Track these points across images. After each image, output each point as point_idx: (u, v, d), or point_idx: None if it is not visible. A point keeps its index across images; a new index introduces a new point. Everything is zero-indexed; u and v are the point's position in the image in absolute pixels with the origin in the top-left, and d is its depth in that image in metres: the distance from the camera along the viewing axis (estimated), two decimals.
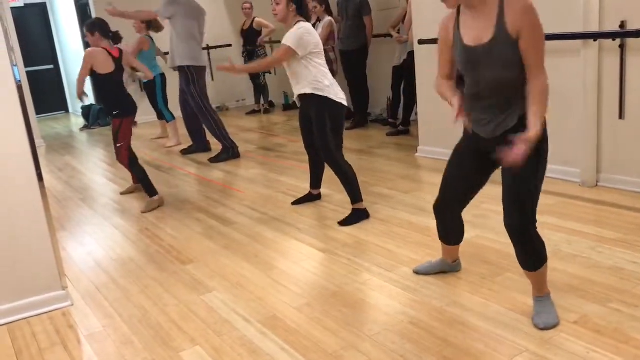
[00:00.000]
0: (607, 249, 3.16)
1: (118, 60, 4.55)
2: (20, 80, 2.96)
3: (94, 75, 4.54)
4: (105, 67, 4.49)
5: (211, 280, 3.28)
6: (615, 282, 2.79)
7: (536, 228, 2.42)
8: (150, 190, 4.75)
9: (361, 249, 3.51)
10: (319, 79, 3.84)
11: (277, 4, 3.83)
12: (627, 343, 2.30)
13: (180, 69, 6.13)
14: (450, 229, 2.90)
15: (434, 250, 3.34)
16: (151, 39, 7.15)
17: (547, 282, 2.56)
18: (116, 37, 4.55)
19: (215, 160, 6.17)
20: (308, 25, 3.88)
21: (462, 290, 2.85)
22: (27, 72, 8.64)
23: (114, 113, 4.62)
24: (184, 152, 6.80)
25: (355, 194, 4.01)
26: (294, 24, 3.84)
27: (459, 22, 2.41)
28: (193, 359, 2.51)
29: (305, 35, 3.77)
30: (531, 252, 2.44)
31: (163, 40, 7.10)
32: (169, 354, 2.57)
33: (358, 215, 3.98)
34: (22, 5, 11.09)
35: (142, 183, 4.75)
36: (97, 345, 2.73)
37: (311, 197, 4.50)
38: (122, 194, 5.26)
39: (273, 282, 3.19)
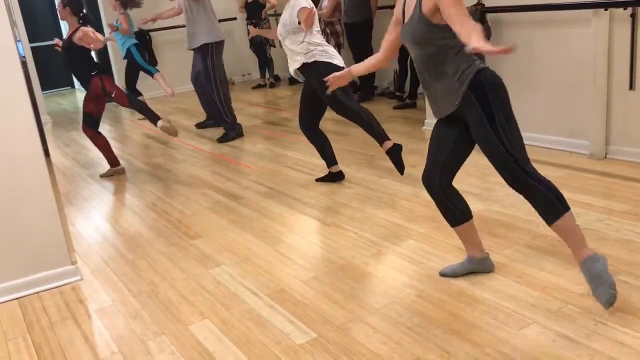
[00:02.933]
0: (616, 221, 3.14)
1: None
2: (24, 56, 2.95)
3: (74, 48, 4.74)
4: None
5: (219, 255, 3.30)
6: (623, 254, 2.78)
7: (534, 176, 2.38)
8: (154, 117, 5.01)
9: (368, 223, 3.51)
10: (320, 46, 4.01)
11: None
12: (634, 314, 2.30)
13: (198, 47, 5.94)
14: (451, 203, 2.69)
15: (440, 224, 3.33)
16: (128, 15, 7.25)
17: (584, 243, 2.40)
18: (86, 19, 4.75)
19: (223, 140, 5.99)
20: None
21: None
22: (32, 48, 8.56)
23: (92, 74, 4.85)
24: (198, 125, 6.72)
25: (379, 133, 4.08)
26: None
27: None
28: (202, 332, 2.53)
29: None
30: (539, 202, 2.38)
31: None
32: (178, 327, 2.59)
33: (397, 151, 4.07)
34: None
35: (145, 114, 5.03)
36: (107, 319, 2.75)
37: (332, 177, 4.28)
38: (101, 176, 5.18)
39: (281, 255, 3.21)
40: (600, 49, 3.98)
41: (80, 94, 11.07)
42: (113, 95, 4.93)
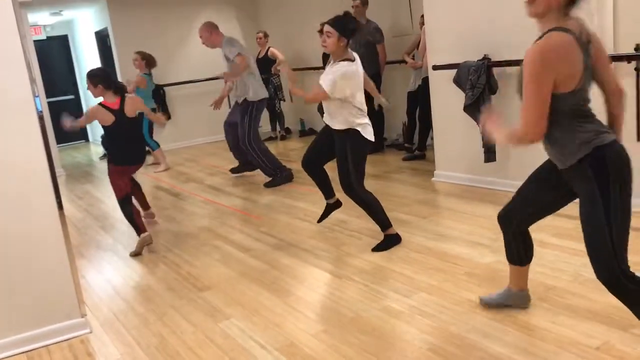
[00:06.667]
0: None
1: (117, 112, 4.48)
2: (42, 111, 3.03)
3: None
4: (105, 120, 4.47)
5: (228, 307, 3.28)
6: None
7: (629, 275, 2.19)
8: (137, 228, 4.53)
9: (378, 275, 3.49)
10: (351, 119, 3.84)
11: (328, 37, 3.78)
12: None
13: (244, 103, 6.20)
14: (514, 244, 2.68)
15: (451, 276, 3.31)
16: (149, 76, 7.56)
17: None
18: (119, 88, 4.64)
19: (270, 185, 6.21)
20: (350, 66, 3.79)
21: (481, 316, 2.81)
22: (49, 103, 8.80)
23: (108, 158, 4.77)
24: (233, 170, 6.91)
25: (383, 220, 3.98)
26: (340, 60, 3.81)
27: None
28: None
29: (339, 81, 3.72)
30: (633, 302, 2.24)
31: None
32: None
33: (391, 241, 3.95)
34: (45, 38, 11.38)
35: (129, 222, 4.57)
36: None
37: (331, 208, 4.35)
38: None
39: (290, 308, 3.18)
40: None
41: (94, 146, 11.25)
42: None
